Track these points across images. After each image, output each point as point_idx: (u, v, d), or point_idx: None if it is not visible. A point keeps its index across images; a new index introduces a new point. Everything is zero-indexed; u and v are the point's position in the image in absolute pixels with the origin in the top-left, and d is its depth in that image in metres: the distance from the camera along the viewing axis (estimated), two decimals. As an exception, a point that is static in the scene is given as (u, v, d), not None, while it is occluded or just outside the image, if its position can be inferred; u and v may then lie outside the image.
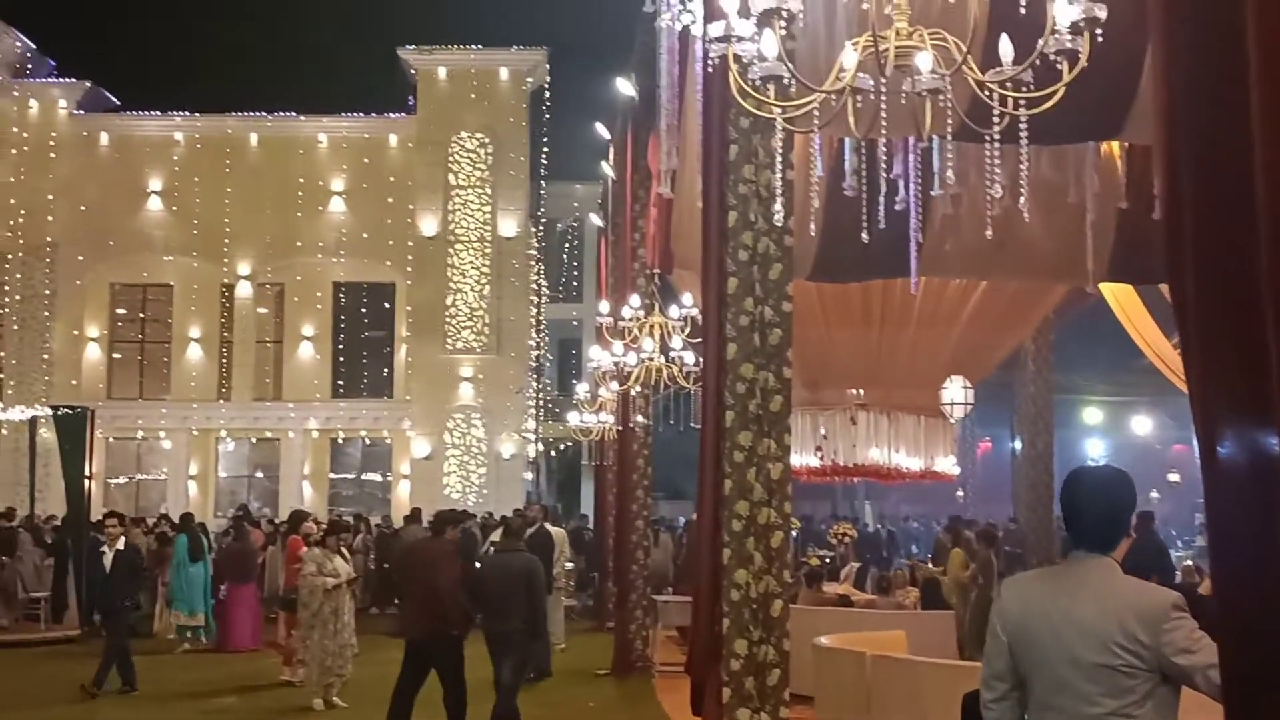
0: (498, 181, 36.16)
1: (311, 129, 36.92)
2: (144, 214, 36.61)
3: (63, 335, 36.55)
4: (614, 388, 16.77)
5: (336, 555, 14.73)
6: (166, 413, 36.80)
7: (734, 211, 8.46)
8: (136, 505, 35.69)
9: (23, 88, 36.80)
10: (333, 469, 37.58)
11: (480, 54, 36.67)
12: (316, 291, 37.39)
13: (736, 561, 8.31)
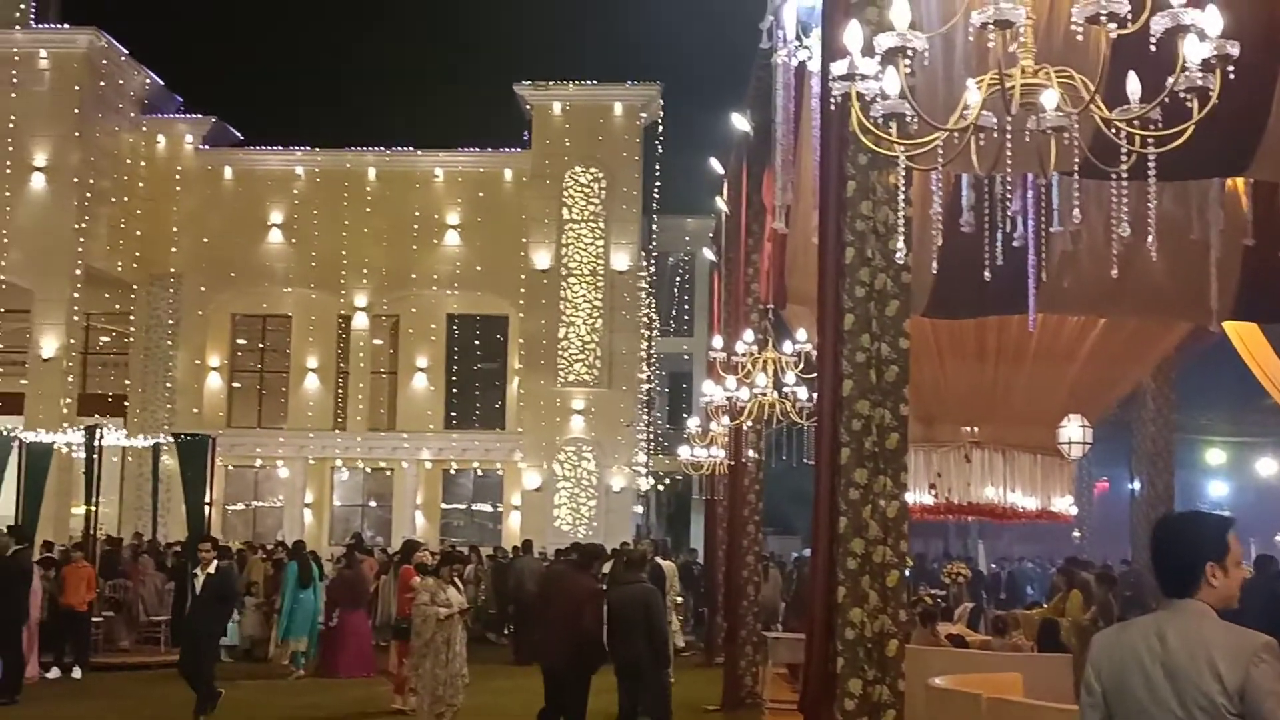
0: (610, 215, 36.39)
1: (428, 163, 37.47)
2: (264, 246, 37.37)
3: (185, 364, 37.38)
4: (726, 422, 16.75)
5: (450, 585, 14.84)
6: (284, 441, 37.43)
7: (851, 247, 8.44)
8: (254, 532, 36.38)
9: (151, 123, 37.80)
10: (444, 499, 37.95)
11: (595, 89, 36.97)
12: (431, 323, 37.87)
13: (851, 600, 8.24)
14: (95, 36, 35.15)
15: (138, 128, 37.54)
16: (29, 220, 34.32)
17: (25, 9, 35.31)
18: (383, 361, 38.23)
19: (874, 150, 6.32)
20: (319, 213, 37.15)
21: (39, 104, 34.69)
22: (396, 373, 38.12)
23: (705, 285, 40.40)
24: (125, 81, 37.06)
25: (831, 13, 8.64)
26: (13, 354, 37.20)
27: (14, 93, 34.71)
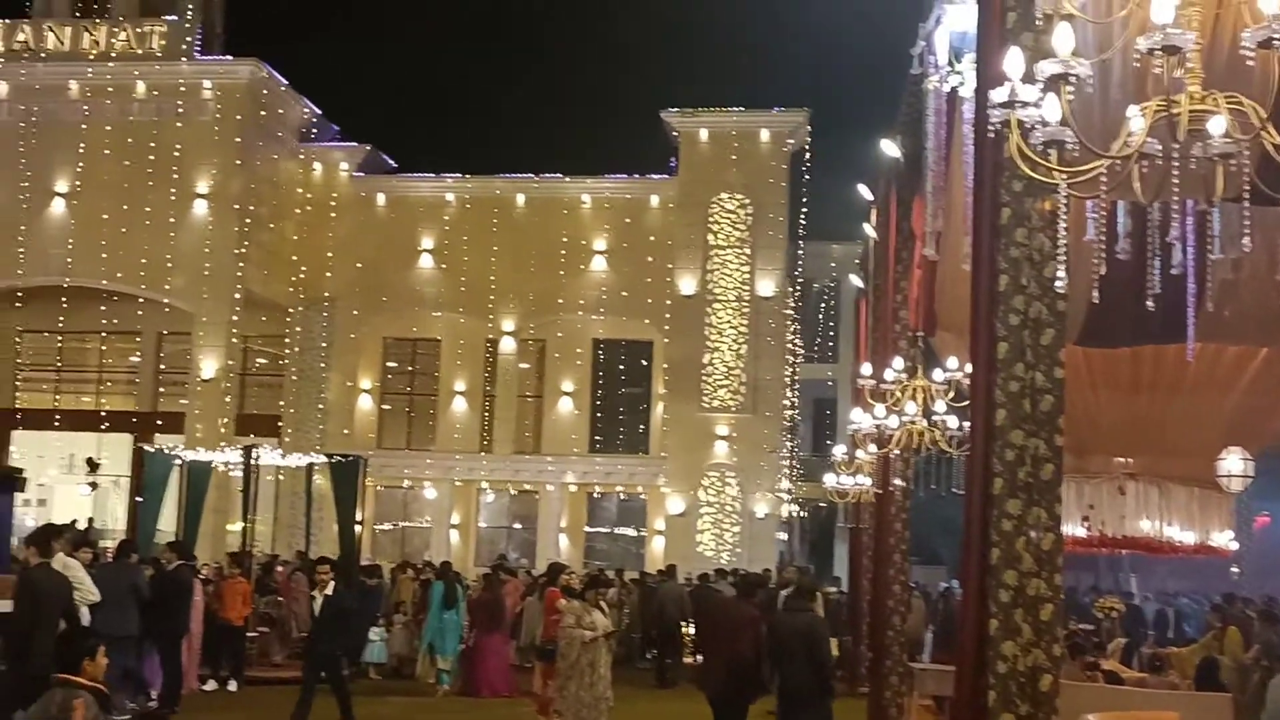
0: (756, 242, 36.38)
1: (575, 190, 37.86)
2: (415, 271, 38.08)
3: (337, 386, 38.21)
4: (873, 450, 16.60)
5: (595, 609, 14.94)
6: (431, 463, 38.03)
7: (1005, 275, 8.33)
8: (402, 551, 36.98)
9: (308, 152, 38.81)
10: (589, 523, 38.20)
11: (741, 116, 37.05)
12: (577, 348, 38.21)
13: (1004, 633, 8.11)
14: (257, 68, 36.23)
15: (296, 156, 38.57)
16: (192, 246, 35.45)
17: (191, 42, 36.54)
18: (529, 385, 38.66)
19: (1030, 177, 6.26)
20: (469, 239, 37.74)
21: (203, 133, 35.85)
22: (542, 396, 38.52)
23: (851, 312, 40.20)
24: (285, 111, 38.12)
25: (986, 39, 8.56)
26: (175, 375, 38.44)
27: (179, 122, 35.92)
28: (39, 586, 12.39)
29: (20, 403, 40.14)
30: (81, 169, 36.19)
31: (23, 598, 12.43)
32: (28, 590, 12.40)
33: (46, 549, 12.88)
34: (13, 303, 38.12)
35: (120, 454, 38.39)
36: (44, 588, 12.40)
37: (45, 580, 12.51)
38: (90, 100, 36.43)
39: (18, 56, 36.80)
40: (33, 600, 12.30)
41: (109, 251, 35.62)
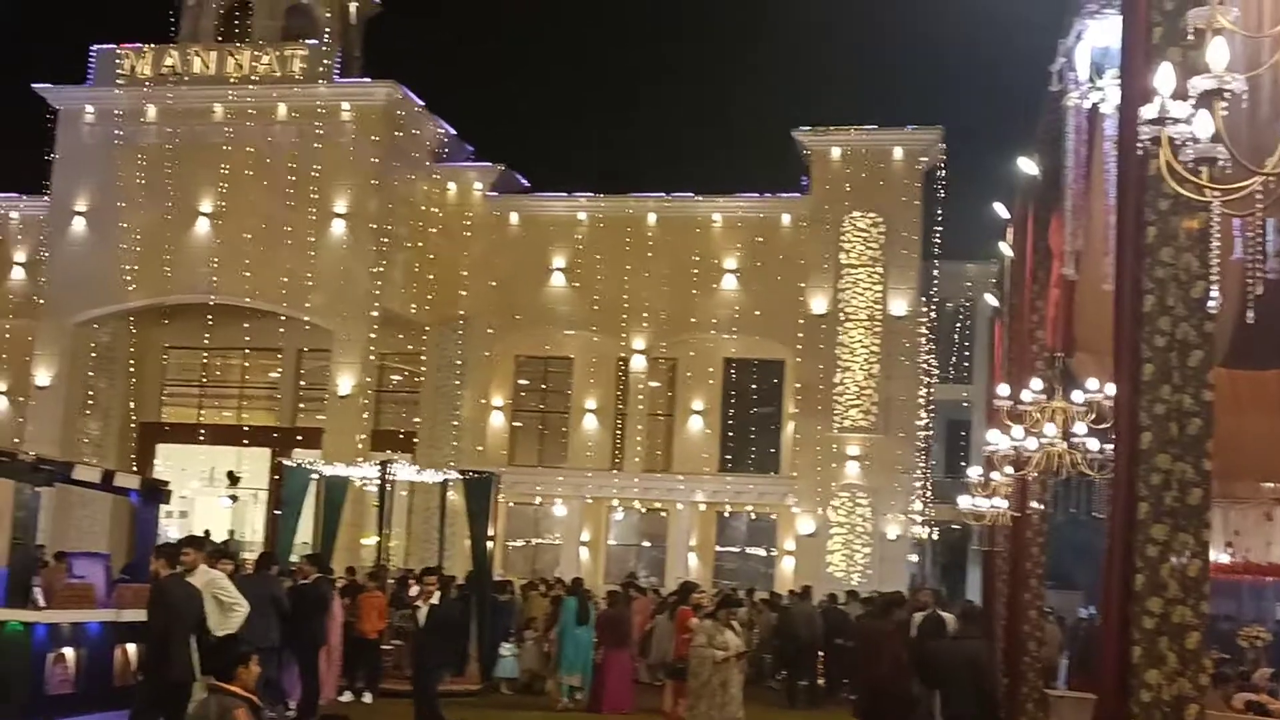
0: (889, 260, 36.06)
1: (707, 209, 37.89)
2: (548, 289, 38.39)
3: (471, 403, 38.64)
4: (1009, 472, 16.34)
5: (727, 628, 14.91)
6: (563, 480, 38.25)
7: (1150, 295, 8.16)
8: (532, 568, 37.24)
9: (443, 172, 39.38)
10: (718, 542, 38.10)
11: (875, 134, 36.78)
12: (708, 367, 38.18)
13: (1147, 661, 7.92)
14: (393, 89, 36.88)
15: (431, 176, 39.16)
16: (330, 265, 36.17)
17: (329, 65, 37.32)
18: (660, 404, 38.71)
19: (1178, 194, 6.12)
20: (601, 257, 37.96)
21: (341, 154, 36.58)
22: (673, 415, 38.55)
23: (986, 332, 39.63)
24: (420, 132, 38.74)
25: (1131, 54, 8.40)
26: (314, 391, 39.24)
27: (318, 143, 36.69)
28: (171, 597, 12.65)
29: (166, 417, 41.26)
30: (225, 189, 37.13)
31: (156, 608, 12.71)
32: (160, 601, 12.67)
33: (175, 559, 13.15)
34: (160, 320, 39.25)
35: (260, 468, 39.29)
36: (176, 598, 12.66)
37: (177, 591, 12.77)
38: (233, 122, 37.39)
39: (165, 80, 37.91)
40: (165, 611, 12.56)
41: (251, 270, 36.49)
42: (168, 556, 13.07)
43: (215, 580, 13.34)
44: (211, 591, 13.22)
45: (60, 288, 37.91)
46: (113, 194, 37.70)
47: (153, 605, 12.74)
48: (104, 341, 39.34)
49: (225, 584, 13.36)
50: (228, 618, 13.17)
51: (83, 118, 38.44)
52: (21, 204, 40.79)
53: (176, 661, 12.44)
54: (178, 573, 13.02)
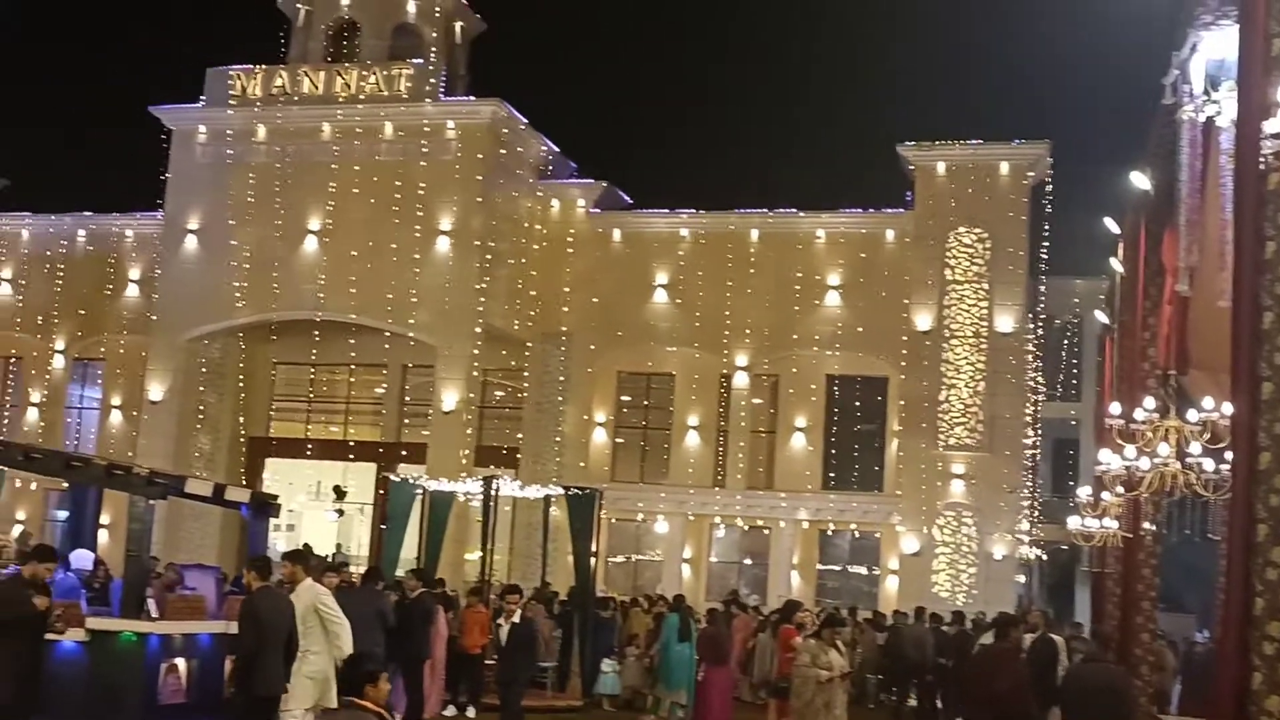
0: (995, 277, 35.61)
1: (810, 224, 37.71)
2: (650, 306, 38.44)
3: (573, 419, 38.78)
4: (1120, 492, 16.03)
5: (831, 648, 14.78)
6: (665, 497, 38.22)
7: (1269, 313, 7.98)
8: (634, 584, 37.25)
9: (546, 189, 39.64)
10: (821, 560, 37.80)
11: (980, 149, 36.38)
12: (810, 384, 37.94)
13: (1268, 687, 7.72)
14: (498, 108, 37.20)
15: (534, 193, 39.43)
16: (435, 281, 36.52)
17: (435, 84, 37.74)
18: (762, 420, 38.55)
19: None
20: (703, 274, 37.95)
21: (446, 172, 36.96)
22: (775, 432, 38.35)
23: (1094, 349, 39.03)
24: (524, 149, 39.03)
25: (1249, 67, 8.22)
26: (418, 406, 39.65)
27: (424, 161, 37.10)
28: (261, 610, 12.74)
29: (274, 431, 41.94)
30: (332, 207, 37.66)
31: (246, 621, 12.82)
32: (250, 614, 12.79)
33: (266, 572, 13.25)
34: (268, 336, 39.93)
35: (365, 482, 39.75)
36: (266, 611, 12.76)
37: (267, 603, 12.87)
38: (341, 141, 37.94)
39: (275, 101, 38.57)
40: (255, 623, 12.66)
41: (357, 287, 36.97)
42: (258, 569, 13.17)
43: (319, 596, 13.39)
44: (314, 607, 13.27)
45: (172, 304, 38.71)
46: (224, 212, 38.43)
47: (243, 618, 12.85)
48: (214, 357, 40.09)
49: (329, 600, 13.42)
50: (331, 635, 13.17)
51: (196, 138, 39.23)
52: (137, 222, 41.72)
53: (266, 674, 12.54)
54: (268, 585, 13.12)
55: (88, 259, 42.17)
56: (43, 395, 42.51)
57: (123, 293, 41.59)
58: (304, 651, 12.98)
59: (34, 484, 39.03)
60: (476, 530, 28.85)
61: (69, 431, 42.48)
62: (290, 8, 40.98)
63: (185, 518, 37.01)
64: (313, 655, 13.06)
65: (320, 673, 13.01)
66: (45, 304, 42.20)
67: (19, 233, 43.25)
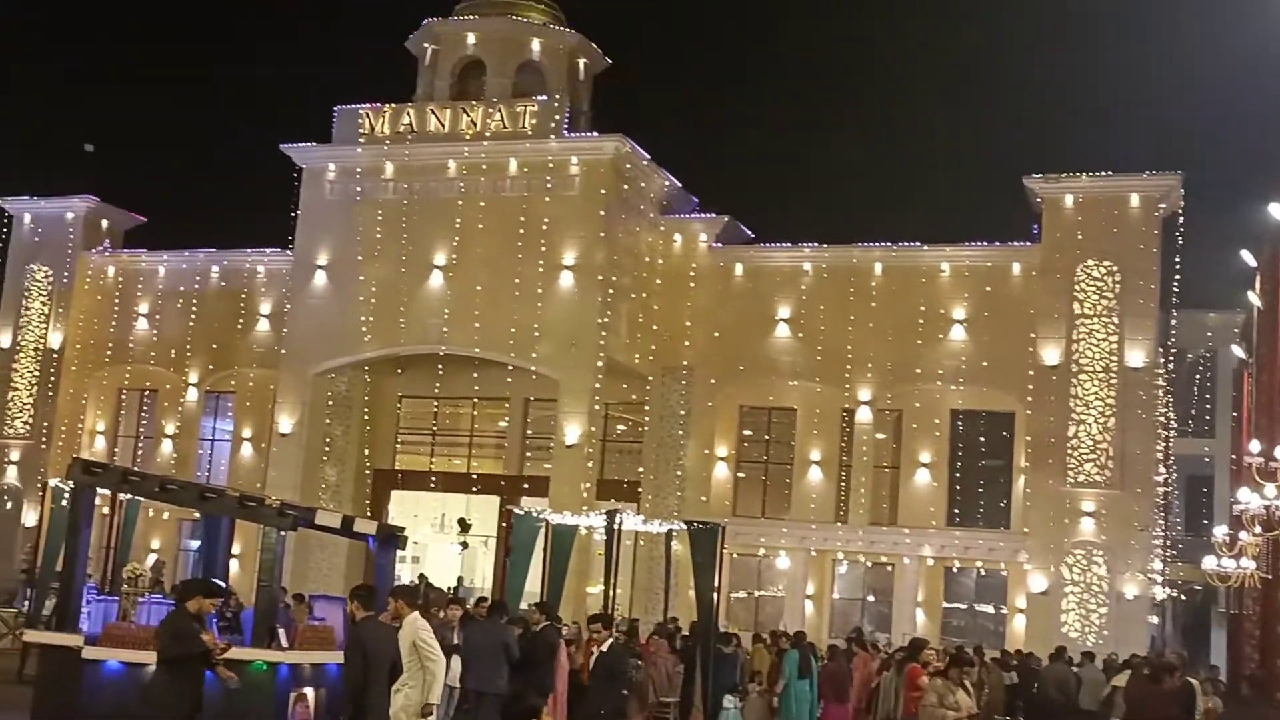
0: (1125, 310, 34.91)
1: (934, 258, 37.35)
2: (772, 340, 38.31)
3: (694, 453, 38.72)
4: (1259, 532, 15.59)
5: (959, 688, 14.53)
6: (786, 532, 37.96)
7: None
8: (755, 620, 37.04)
9: (668, 223, 39.77)
10: (946, 597, 37.23)
11: (1109, 181, 35.75)
12: (934, 418, 37.49)
13: None
14: (621, 143, 37.43)
15: (656, 228, 39.58)
16: (558, 315, 36.79)
17: (559, 120, 38.10)
18: (885, 456, 38.16)
19: None
20: (825, 307, 37.77)
21: (569, 207, 37.27)
22: (899, 467, 37.94)
23: (1229, 384, 38.15)
24: (646, 184, 39.22)
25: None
26: (540, 439, 39.94)
27: (548, 197, 37.44)
28: (367, 641, 12.80)
29: (399, 464, 42.49)
30: (457, 243, 38.14)
31: (352, 651, 12.87)
32: (356, 644, 12.84)
33: (370, 602, 13.30)
34: (394, 370, 40.51)
35: (488, 515, 40.04)
36: (372, 641, 12.81)
37: (372, 634, 12.92)
38: (466, 178, 38.43)
39: (402, 138, 39.22)
40: (361, 654, 12.71)
41: (481, 321, 37.37)
42: (361, 599, 13.25)
43: (419, 632, 13.35)
44: (412, 640, 13.26)
45: (301, 339, 39.45)
46: (351, 248, 39.11)
47: (349, 649, 12.94)
48: (341, 391, 40.76)
49: (429, 637, 13.39)
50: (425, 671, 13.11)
51: (325, 176, 40.00)
52: (267, 258, 42.63)
53: (372, 705, 12.59)
54: (372, 615, 13.17)
55: (220, 294, 43.17)
56: (176, 427, 43.51)
57: (253, 327, 42.48)
58: (398, 687, 12.97)
59: (167, 514, 39.97)
60: (598, 564, 28.89)
61: (201, 463, 43.43)
62: (418, 47, 41.72)
63: (312, 548, 37.64)
64: (407, 689, 13.05)
65: (410, 707, 12.98)
66: (179, 338, 43.26)
67: (156, 269, 44.40)
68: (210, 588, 12.68)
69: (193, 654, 11.81)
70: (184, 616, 12.03)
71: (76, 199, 45.13)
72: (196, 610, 12.11)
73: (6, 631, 26.79)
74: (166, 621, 12.26)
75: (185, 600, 12.20)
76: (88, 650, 16.26)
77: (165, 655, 11.84)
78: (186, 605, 12.11)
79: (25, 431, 44.45)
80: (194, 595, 12.22)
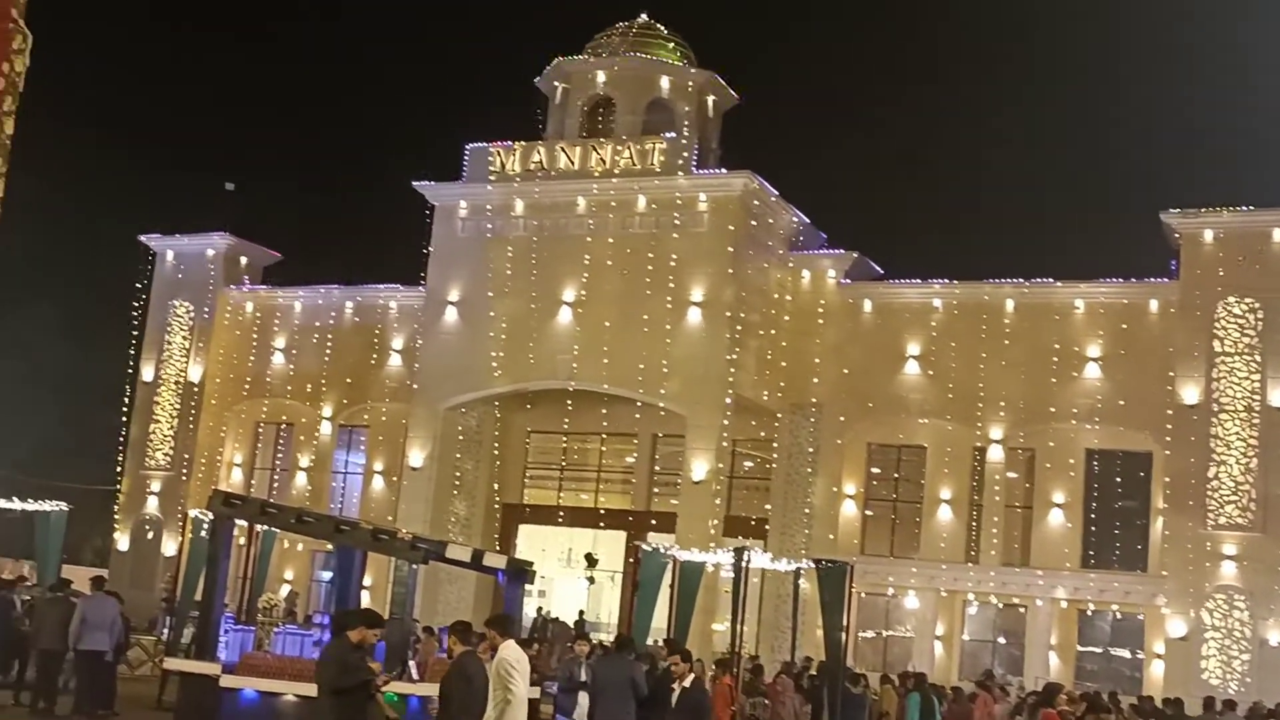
0: (1268, 348, 33.94)
1: (1067, 295, 36.76)
2: (901, 377, 37.96)
3: (823, 491, 38.43)
4: None
5: (1096, 735, 14.18)
6: (915, 571, 37.48)
7: None
8: (883, 660, 36.58)
9: (797, 259, 39.66)
10: (1080, 641, 36.41)
11: (1251, 215, 34.92)
12: (1068, 458, 36.78)
13: None
14: (749, 180, 37.47)
15: (784, 264, 39.50)
16: (686, 352, 36.84)
17: (688, 157, 38.26)
18: (1017, 495, 37.51)
19: None
20: (955, 345, 37.35)
21: (698, 244, 37.36)
22: (1032, 507, 37.26)
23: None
24: (775, 220, 39.19)
25: None
26: (668, 475, 39.96)
27: (676, 233, 37.59)
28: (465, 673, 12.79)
29: (527, 498, 42.79)
30: (586, 279, 38.43)
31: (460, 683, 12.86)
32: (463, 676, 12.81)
33: (467, 637, 13.28)
34: (523, 405, 40.86)
35: (615, 550, 40.09)
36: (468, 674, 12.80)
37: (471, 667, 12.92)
38: (595, 215, 38.74)
39: (532, 176, 39.66)
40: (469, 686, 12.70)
41: (610, 357, 37.57)
42: (459, 634, 13.25)
43: (504, 660, 13.26)
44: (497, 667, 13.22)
45: (432, 374, 39.99)
46: (482, 284, 39.60)
47: (446, 680, 12.95)
48: (471, 425, 41.21)
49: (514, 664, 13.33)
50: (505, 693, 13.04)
51: (457, 213, 40.58)
52: (399, 294, 43.32)
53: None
54: (470, 649, 13.16)
55: (354, 330, 43.96)
56: (310, 460, 44.30)
57: (386, 362, 43.16)
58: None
59: (301, 545, 40.71)
60: (724, 601, 28.82)
61: (334, 495, 44.15)
62: (548, 86, 42.22)
63: (442, 581, 38.05)
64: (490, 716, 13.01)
65: None
66: (314, 373, 44.11)
67: (292, 305, 45.35)
68: (372, 617, 12.71)
69: (360, 684, 11.89)
70: (348, 646, 12.07)
71: (216, 236, 46.31)
72: (359, 640, 12.14)
73: (146, 658, 27.42)
74: (331, 652, 12.30)
75: (346, 629, 12.24)
76: (225, 679, 16.59)
77: (333, 686, 11.83)
78: (348, 635, 12.14)
79: (166, 463, 45.56)
80: (356, 625, 12.25)
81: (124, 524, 45.39)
